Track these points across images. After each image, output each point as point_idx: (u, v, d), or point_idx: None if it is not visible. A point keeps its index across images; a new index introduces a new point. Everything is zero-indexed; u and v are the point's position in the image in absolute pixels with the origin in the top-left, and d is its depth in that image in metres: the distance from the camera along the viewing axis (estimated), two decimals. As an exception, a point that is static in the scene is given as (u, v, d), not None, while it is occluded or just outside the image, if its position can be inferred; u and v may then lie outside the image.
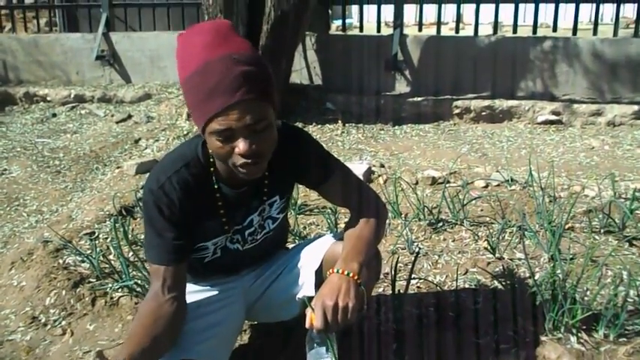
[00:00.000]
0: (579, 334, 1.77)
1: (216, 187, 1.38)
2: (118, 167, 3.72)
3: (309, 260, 1.54)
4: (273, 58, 4.40)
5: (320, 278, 1.49)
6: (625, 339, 1.75)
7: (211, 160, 1.36)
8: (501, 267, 2.23)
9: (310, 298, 1.33)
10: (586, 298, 1.90)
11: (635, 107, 4.45)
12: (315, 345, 1.25)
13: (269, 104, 1.23)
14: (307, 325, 1.26)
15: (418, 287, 2.13)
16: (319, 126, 4.59)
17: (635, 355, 1.68)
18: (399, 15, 5.15)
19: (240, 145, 1.19)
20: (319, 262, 1.50)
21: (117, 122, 4.93)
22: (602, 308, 1.80)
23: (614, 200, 2.63)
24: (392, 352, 1.77)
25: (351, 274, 1.28)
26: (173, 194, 1.31)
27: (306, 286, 1.52)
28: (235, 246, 1.49)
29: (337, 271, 1.30)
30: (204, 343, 1.34)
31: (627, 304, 1.80)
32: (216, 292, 1.55)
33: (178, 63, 1.27)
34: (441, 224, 2.61)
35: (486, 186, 3.12)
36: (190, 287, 1.51)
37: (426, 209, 2.66)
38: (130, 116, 5.02)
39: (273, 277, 1.61)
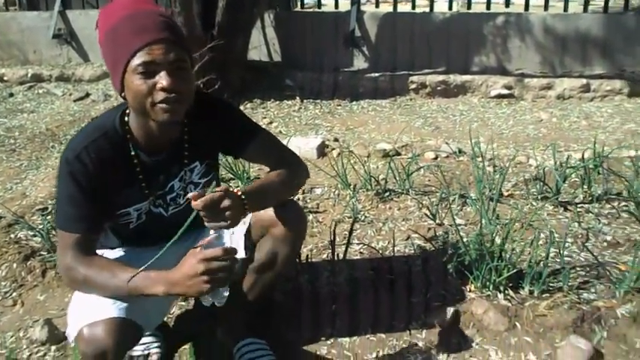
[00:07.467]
0: (506, 292, 1.89)
1: (133, 154, 1.42)
2: (74, 145, 3.72)
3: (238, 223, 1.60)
4: (230, 35, 4.42)
5: (250, 240, 1.56)
6: (548, 294, 1.87)
7: (127, 128, 1.41)
8: (440, 232, 2.34)
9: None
10: (514, 258, 2.01)
11: (584, 81, 4.58)
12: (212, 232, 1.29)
13: (187, 55, 1.32)
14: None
15: (361, 252, 2.22)
16: (277, 102, 4.63)
17: (555, 308, 1.80)
18: (356, -9, 5.18)
19: (164, 79, 1.26)
20: (247, 224, 1.57)
21: (74, 101, 4.90)
22: (527, 267, 1.92)
23: (549, 168, 2.76)
24: (330, 312, 1.87)
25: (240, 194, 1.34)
26: (89, 163, 1.34)
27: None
28: (158, 210, 1.53)
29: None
30: (133, 302, 1.35)
31: (549, 262, 1.92)
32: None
33: (100, 21, 1.34)
34: (387, 194, 2.70)
35: (436, 157, 3.22)
36: (121, 251, 1.57)
37: (373, 180, 2.75)
38: (87, 94, 4.98)
39: None
